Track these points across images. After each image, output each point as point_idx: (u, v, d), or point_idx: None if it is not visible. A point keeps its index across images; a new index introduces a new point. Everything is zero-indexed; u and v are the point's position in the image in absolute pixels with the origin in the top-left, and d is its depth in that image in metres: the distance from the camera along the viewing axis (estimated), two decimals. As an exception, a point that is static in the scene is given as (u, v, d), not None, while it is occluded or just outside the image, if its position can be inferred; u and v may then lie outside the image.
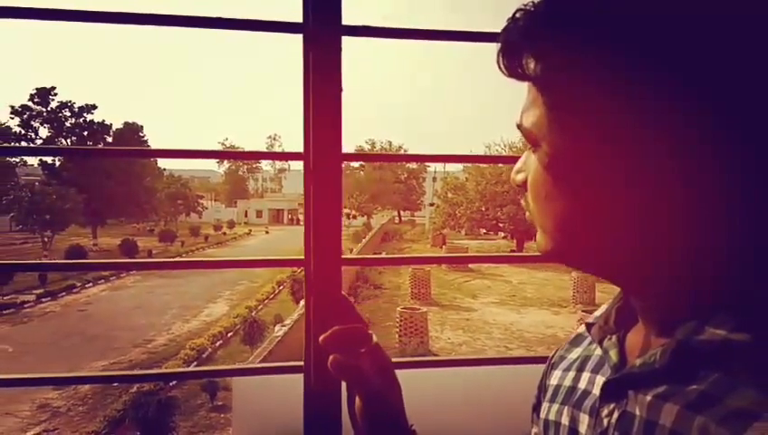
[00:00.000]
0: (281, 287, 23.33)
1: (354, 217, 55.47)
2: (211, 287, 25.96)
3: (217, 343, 17.36)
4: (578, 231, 0.54)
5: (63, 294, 24.80)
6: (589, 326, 0.67)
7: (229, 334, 18.04)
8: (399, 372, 1.16)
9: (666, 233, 0.50)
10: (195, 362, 15.73)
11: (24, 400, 13.00)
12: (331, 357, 0.75)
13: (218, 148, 67.74)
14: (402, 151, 67.07)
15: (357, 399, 0.77)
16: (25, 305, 22.57)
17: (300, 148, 0.85)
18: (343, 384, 0.78)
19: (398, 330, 16.90)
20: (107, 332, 19.34)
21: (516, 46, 0.53)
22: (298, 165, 1.21)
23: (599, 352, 0.64)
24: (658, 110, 0.46)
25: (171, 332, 19.95)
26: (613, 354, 0.61)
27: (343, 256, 0.86)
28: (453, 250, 31.54)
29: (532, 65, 0.52)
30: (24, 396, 13.12)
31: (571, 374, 0.68)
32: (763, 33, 0.46)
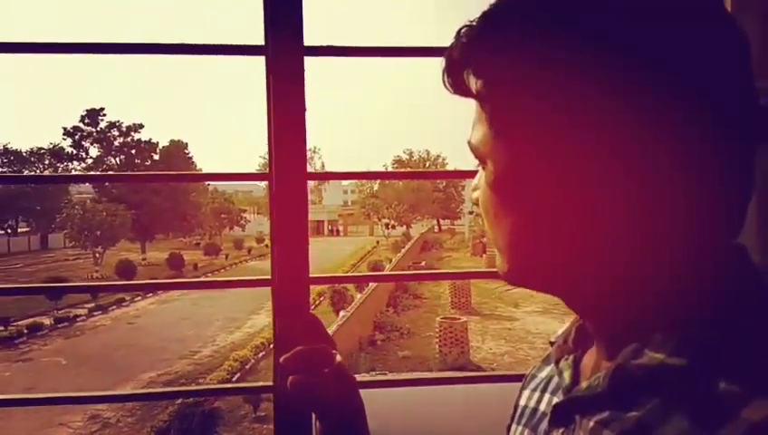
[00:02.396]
0: (321, 298, 23.49)
1: (393, 227, 55.48)
2: (254, 299, 26.38)
3: (260, 354, 17.60)
4: (529, 250, 0.53)
5: (114, 307, 25.65)
6: (552, 344, 0.66)
7: (271, 345, 18.14)
8: (402, 389, 1.15)
9: (616, 249, 0.48)
10: (238, 374, 15.99)
11: (76, 411, 13.47)
12: (290, 378, 0.75)
13: (260, 161, 69.11)
14: (440, 161, 66.92)
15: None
16: (78, 319, 23.45)
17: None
18: None
19: (437, 340, 16.77)
20: (155, 344, 19.89)
21: (457, 63, 0.52)
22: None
23: None
24: (601, 121, 0.45)
25: (216, 343, 20.36)
26: (567, 376, 0.59)
27: (311, 275, 0.86)
28: (493, 259, 31.09)
29: (473, 82, 0.51)
30: (76, 407, 13.61)
31: (536, 395, 0.66)
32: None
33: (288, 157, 0.85)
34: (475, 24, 0.51)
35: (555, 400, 0.60)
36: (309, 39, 0.86)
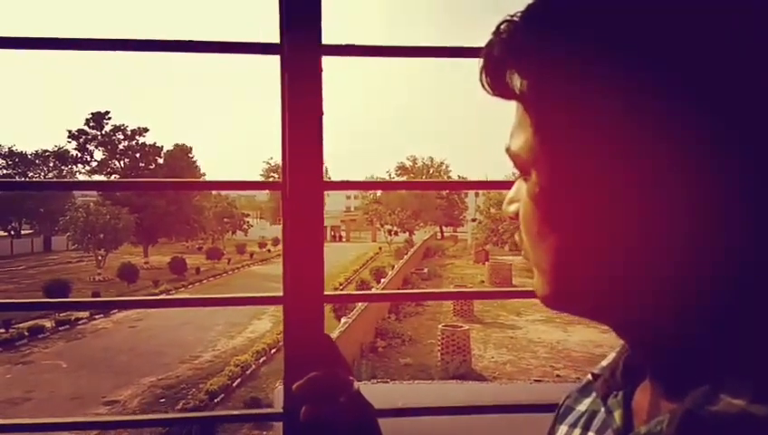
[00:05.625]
0: (323, 304, 23.40)
1: (396, 233, 55.47)
2: (255, 304, 26.30)
3: (261, 360, 17.55)
4: (578, 272, 0.46)
5: (116, 310, 25.60)
6: (595, 377, 0.59)
7: (272, 351, 18.21)
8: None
9: (687, 272, 0.42)
10: (239, 379, 15.91)
11: (75, 415, 13.41)
12: (303, 408, 0.69)
13: (264, 166, 69.08)
14: (444, 168, 66.95)
15: None
16: (79, 322, 23.42)
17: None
18: None
19: (439, 348, 16.69)
20: (156, 348, 19.85)
21: (499, 61, 0.46)
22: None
23: None
24: (671, 125, 0.40)
25: (217, 348, 20.32)
26: (617, 416, 0.53)
27: (326, 293, 0.79)
28: (496, 266, 31.10)
29: (516, 82, 0.46)
30: (76, 413, 13.55)
31: (577, 432, 0.60)
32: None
33: (303, 165, 0.78)
34: (517, 18, 0.45)
35: None
36: (326, 37, 0.80)
